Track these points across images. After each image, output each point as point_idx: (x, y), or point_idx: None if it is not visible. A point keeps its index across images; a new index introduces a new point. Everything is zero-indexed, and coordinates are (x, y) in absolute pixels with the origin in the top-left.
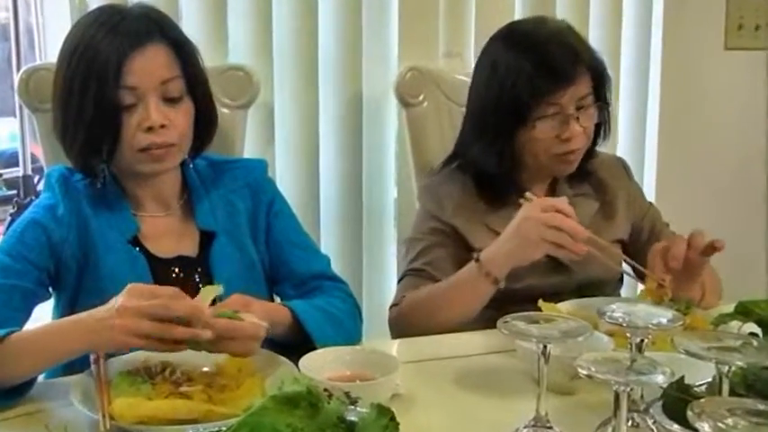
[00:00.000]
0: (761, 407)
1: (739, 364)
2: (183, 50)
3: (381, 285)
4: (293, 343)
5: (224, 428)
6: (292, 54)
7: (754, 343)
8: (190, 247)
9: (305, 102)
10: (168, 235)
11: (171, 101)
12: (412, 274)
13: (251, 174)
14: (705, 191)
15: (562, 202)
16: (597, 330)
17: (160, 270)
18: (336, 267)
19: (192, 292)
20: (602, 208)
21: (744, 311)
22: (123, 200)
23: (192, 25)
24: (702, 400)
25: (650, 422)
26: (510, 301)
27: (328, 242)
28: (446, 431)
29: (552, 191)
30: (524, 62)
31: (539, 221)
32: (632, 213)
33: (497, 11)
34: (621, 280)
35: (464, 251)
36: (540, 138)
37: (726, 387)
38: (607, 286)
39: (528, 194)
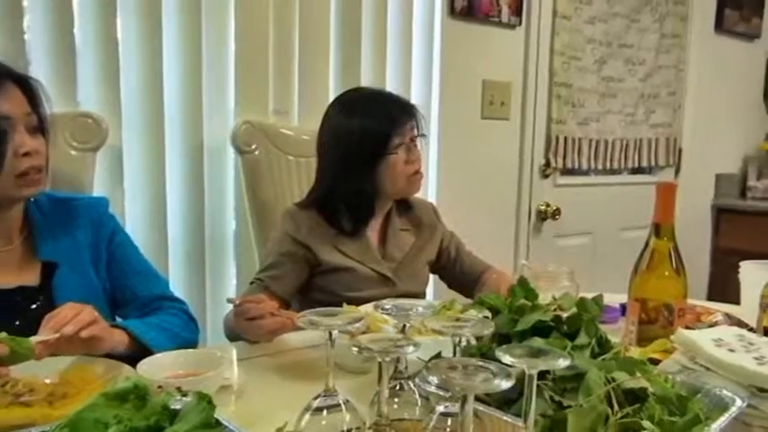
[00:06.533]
0: (479, 363)
1: (467, 333)
2: (33, 91)
3: (224, 304)
4: (138, 357)
5: (52, 428)
6: (140, 105)
7: (480, 323)
8: (31, 278)
9: (152, 147)
10: (9, 267)
11: (33, 132)
12: (255, 282)
13: (93, 210)
14: (470, 218)
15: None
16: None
17: (0, 300)
18: (183, 290)
19: (31, 318)
20: (418, 240)
21: (480, 302)
22: None
23: (41, 74)
24: (436, 361)
25: (411, 385)
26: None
27: (175, 270)
28: (263, 412)
29: (386, 223)
30: (376, 111)
31: None
32: (440, 243)
33: (316, 79)
34: None
35: (309, 270)
36: (397, 162)
37: (459, 354)
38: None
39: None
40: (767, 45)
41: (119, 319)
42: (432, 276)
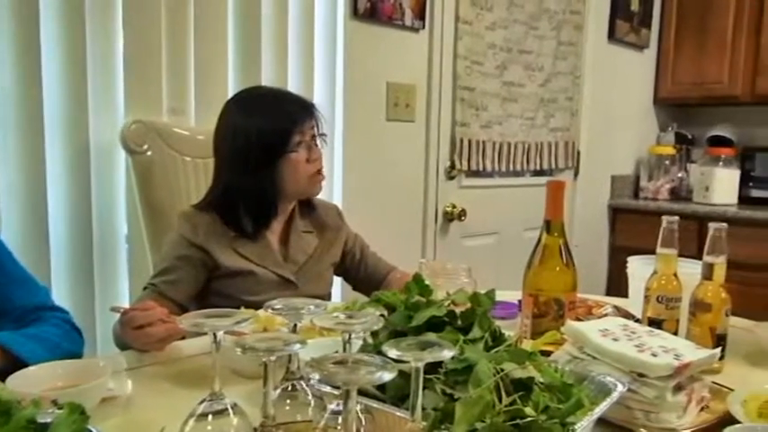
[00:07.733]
0: (363, 358)
1: (356, 330)
2: None
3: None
4: (12, 371)
5: None
6: (14, 102)
7: (370, 319)
8: None
9: (29, 147)
10: None
11: None
12: (149, 288)
13: None
14: (377, 220)
15: None
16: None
17: None
18: (69, 299)
19: None
20: (321, 242)
21: (376, 300)
22: None
23: None
24: (320, 357)
25: (304, 385)
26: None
27: (59, 277)
28: (150, 422)
29: (289, 226)
30: (275, 108)
31: None
32: (344, 245)
33: (213, 77)
34: None
35: (207, 274)
36: (298, 161)
37: (349, 349)
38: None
39: None
40: (655, 55)
41: None
42: (338, 279)
